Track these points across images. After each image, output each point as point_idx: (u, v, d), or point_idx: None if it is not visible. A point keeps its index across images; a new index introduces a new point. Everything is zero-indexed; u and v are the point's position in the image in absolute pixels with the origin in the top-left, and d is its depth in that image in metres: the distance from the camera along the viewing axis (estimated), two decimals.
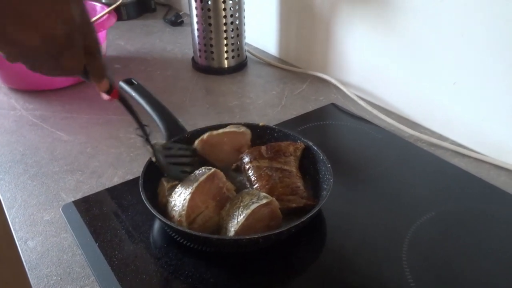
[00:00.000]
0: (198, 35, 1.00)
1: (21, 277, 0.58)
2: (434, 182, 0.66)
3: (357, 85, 0.92)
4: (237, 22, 0.99)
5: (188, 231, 0.50)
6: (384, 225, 0.58)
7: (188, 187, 0.54)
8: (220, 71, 1.03)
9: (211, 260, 0.53)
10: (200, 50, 1.02)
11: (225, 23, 0.97)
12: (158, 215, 0.51)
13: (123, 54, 1.16)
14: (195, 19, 0.99)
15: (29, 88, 0.95)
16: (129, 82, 0.75)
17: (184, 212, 0.52)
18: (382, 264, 0.52)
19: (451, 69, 0.73)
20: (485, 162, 0.70)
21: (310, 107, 0.88)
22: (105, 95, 0.53)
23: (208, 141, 0.62)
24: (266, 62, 1.09)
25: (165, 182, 0.58)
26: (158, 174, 0.60)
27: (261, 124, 0.69)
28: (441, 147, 0.74)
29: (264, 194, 0.54)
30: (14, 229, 0.59)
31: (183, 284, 0.50)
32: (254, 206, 0.51)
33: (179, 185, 0.55)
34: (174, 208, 0.53)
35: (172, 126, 0.68)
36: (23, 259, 0.54)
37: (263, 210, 0.52)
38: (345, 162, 0.71)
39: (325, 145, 0.65)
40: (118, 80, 0.75)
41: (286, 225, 0.51)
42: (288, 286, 0.51)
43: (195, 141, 0.64)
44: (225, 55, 1.02)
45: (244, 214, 0.51)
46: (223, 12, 0.96)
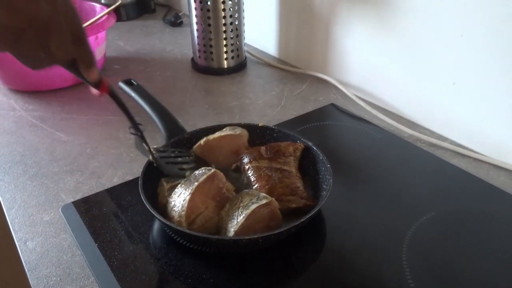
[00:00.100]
0: (198, 36, 1.00)
1: (21, 277, 0.57)
2: (434, 182, 0.66)
3: (356, 85, 0.92)
4: (236, 22, 0.99)
5: (188, 231, 0.50)
6: (384, 225, 0.58)
7: (188, 187, 0.54)
8: (220, 72, 1.03)
9: (211, 260, 0.53)
10: (199, 50, 1.02)
11: (225, 23, 0.97)
12: (157, 216, 0.51)
13: (122, 55, 1.16)
14: (194, 19, 0.99)
15: (29, 89, 0.95)
16: (128, 83, 0.75)
17: (183, 212, 0.52)
18: (382, 264, 0.52)
19: (451, 70, 0.73)
20: (485, 162, 0.70)
21: (309, 108, 0.88)
22: (95, 90, 0.53)
23: (205, 146, 0.63)
24: (265, 62, 1.09)
25: (165, 182, 0.58)
26: (157, 174, 0.60)
27: (260, 124, 0.69)
28: (441, 147, 0.74)
29: (264, 194, 0.53)
30: (13, 229, 0.59)
31: (183, 285, 0.50)
32: (253, 207, 0.51)
33: (179, 185, 0.55)
34: (174, 209, 0.53)
35: (171, 127, 0.68)
36: (23, 260, 0.54)
37: (262, 211, 0.52)
38: (345, 162, 0.71)
39: (325, 146, 0.65)
40: (118, 81, 0.75)
41: (286, 225, 0.51)
42: (288, 287, 0.51)
43: (193, 147, 0.64)
44: (225, 55, 1.02)
45: (244, 215, 0.51)
46: (223, 13, 0.96)
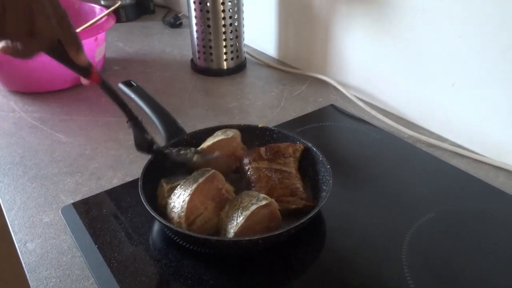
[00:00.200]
0: (197, 37, 1.00)
1: (21, 279, 0.57)
2: (433, 182, 0.66)
3: (356, 86, 0.92)
4: (236, 23, 0.99)
5: (188, 232, 0.50)
6: (384, 226, 0.58)
7: (187, 188, 0.54)
8: (219, 73, 1.03)
9: (211, 261, 0.53)
10: (199, 51, 1.02)
11: (224, 24, 0.97)
12: (157, 217, 0.51)
13: (122, 56, 1.16)
14: (194, 20, 0.99)
15: (28, 90, 0.95)
16: (128, 84, 0.75)
17: (183, 213, 0.52)
18: (382, 264, 0.52)
19: (450, 70, 0.73)
20: (484, 162, 0.70)
21: (309, 109, 0.88)
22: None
23: None
24: (265, 63, 1.09)
25: (165, 183, 0.58)
26: (157, 175, 0.60)
27: (260, 125, 0.69)
28: (440, 148, 0.74)
29: (264, 195, 0.53)
30: (13, 231, 0.59)
31: (183, 286, 0.50)
32: (253, 208, 0.51)
33: (178, 186, 0.55)
34: (174, 210, 0.53)
35: (171, 128, 0.68)
36: (23, 261, 0.54)
37: (262, 212, 0.52)
38: (345, 163, 0.71)
39: (324, 146, 0.65)
40: (117, 82, 0.75)
41: (286, 226, 0.51)
42: (288, 287, 0.51)
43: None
44: (224, 56, 1.02)
45: (244, 216, 0.51)
46: (222, 14, 0.96)
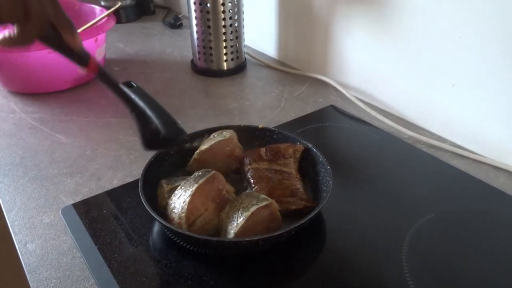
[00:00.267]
0: (197, 38, 1.01)
1: (21, 280, 0.57)
2: (434, 183, 0.66)
3: (356, 86, 0.92)
4: (236, 24, 0.99)
5: (188, 233, 0.50)
6: (384, 226, 0.58)
7: (188, 189, 0.54)
8: (219, 73, 1.03)
9: (211, 262, 0.53)
10: (199, 52, 1.02)
11: (224, 25, 0.97)
12: (157, 218, 0.51)
13: (122, 57, 1.16)
14: (194, 21, 0.99)
15: (29, 91, 0.95)
16: (128, 85, 0.74)
17: (183, 214, 0.52)
18: (382, 265, 0.52)
19: (450, 71, 0.73)
20: (484, 163, 0.70)
21: (309, 109, 0.88)
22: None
23: (201, 159, 0.62)
24: (265, 64, 1.09)
25: (165, 184, 0.58)
26: (157, 176, 0.60)
27: (260, 126, 0.69)
28: (440, 149, 0.74)
29: (264, 196, 0.53)
30: (13, 232, 0.59)
31: (183, 287, 0.50)
32: (253, 208, 0.51)
33: (179, 187, 0.55)
34: (174, 211, 0.53)
35: (171, 129, 0.68)
36: (23, 262, 0.54)
37: (262, 212, 0.52)
38: (345, 163, 0.71)
39: (325, 147, 0.65)
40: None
41: (286, 227, 0.51)
42: None
43: (188, 164, 0.63)
44: (224, 57, 1.02)
45: (244, 216, 0.51)
46: (222, 15, 0.96)
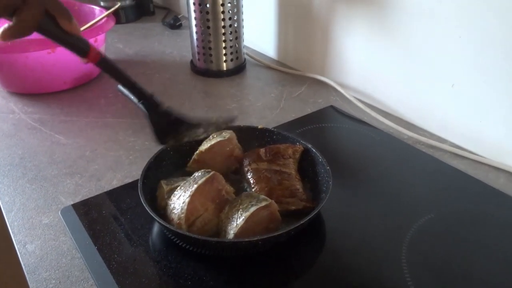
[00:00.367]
0: (197, 38, 1.01)
1: (20, 280, 0.57)
2: (433, 183, 0.66)
3: (355, 87, 0.92)
4: (235, 25, 0.99)
5: (187, 234, 0.50)
6: (384, 227, 0.58)
7: (187, 190, 0.54)
8: (219, 74, 1.03)
9: (211, 263, 0.53)
10: (198, 53, 1.02)
11: (224, 26, 0.97)
12: (157, 218, 0.51)
13: (121, 57, 1.16)
14: (193, 22, 0.99)
15: (28, 92, 0.95)
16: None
17: (183, 215, 0.52)
18: (382, 265, 0.52)
19: (450, 71, 0.73)
20: (484, 164, 0.71)
21: (308, 110, 0.88)
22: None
23: (200, 160, 0.62)
24: (264, 64, 1.09)
25: (164, 185, 0.58)
26: (157, 177, 0.60)
27: (260, 126, 0.69)
28: (440, 149, 0.74)
29: (263, 196, 0.53)
30: (13, 232, 0.59)
31: (183, 287, 0.50)
32: (253, 209, 0.51)
33: (178, 188, 0.55)
34: (173, 211, 0.53)
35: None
36: (22, 263, 0.54)
37: (262, 213, 0.52)
38: (344, 164, 0.71)
39: (324, 147, 0.65)
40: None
41: (285, 227, 0.51)
42: None
43: (188, 163, 0.63)
44: (224, 58, 1.02)
45: (244, 217, 0.50)
46: (222, 15, 0.96)
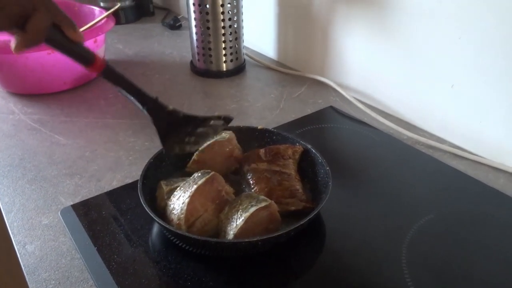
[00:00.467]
0: (197, 39, 1.01)
1: (20, 281, 0.57)
2: (433, 184, 0.66)
3: (355, 88, 0.92)
4: (235, 25, 0.99)
5: (187, 234, 0.50)
6: (384, 227, 0.58)
7: (187, 190, 0.54)
8: (219, 75, 1.03)
9: (210, 263, 0.53)
10: (198, 53, 1.02)
11: (224, 26, 0.97)
12: (157, 219, 0.51)
13: (121, 58, 1.16)
14: (193, 22, 0.99)
15: (28, 92, 0.95)
16: None
17: (183, 215, 0.52)
18: (382, 265, 0.52)
19: (449, 72, 0.73)
20: (484, 164, 0.71)
21: (308, 110, 0.88)
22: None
23: (200, 160, 0.62)
24: (264, 65, 1.09)
25: (164, 185, 0.58)
26: (156, 177, 0.60)
27: (259, 127, 0.69)
28: (440, 150, 0.74)
29: (263, 197, 0.53)
30: (12, 233, 0.59)
31: None
32: (253, 209, 0.51)
33: (178, 188, 0.55)
34: (173, 212, 0.53)
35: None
36: (22, 264, 0.54)
37: (262, 213, 0.52)
38: (344, 164, 0.71)
39: (324, 148, 0.65)
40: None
41: (285, 228, 0.51)
42: None
43: (188, 164, 0.63)
44: (224, 58, 1.02)
45: (243, 217, 0.50)
46: (221, 16, 0.96)
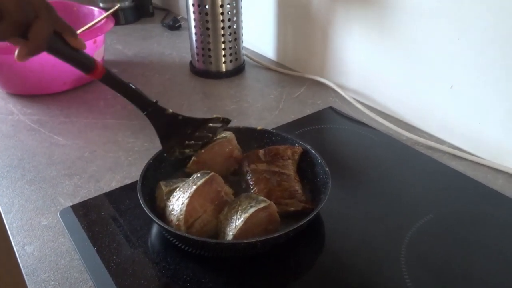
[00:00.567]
0: (196, 39, 1.01)
1: (19, 282, 0.57)
2: (432, 184, 0.66)
3: (355, 88, 0.92)
4: (234, 26, 0.99)
5: (186, 235, 0.50)
6: (383, 228, 0.58)
7: (186, 191, 0.54)
8: (218, 75, 1.03)
9: (210, 264, 0.53)
10: (198, 54, 1.02)
11: (223, 27, 0.97)
12: (156, 220, 0.51)
13: (121, 59, 1.16)
14: (193, 23, 0.99)
15: (27, 93, 0.95)
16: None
17: (182, 216, 0.52)
18: (381, 266, 0.52)
19: (448, 73, 0.73)
20: (483, 165, 0.71)
21: (308, 111, 0.88)
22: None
23: (200, 161, 0.62)
24: (263, 66, 1.09)
25: (163, 186, 0.58)
26: (156, 178, 0.60)
27: (259, 128, 0.69)
28: (439, 150, 0.74)
29: (262, 198, 0.53)
30: (11, 234, 0.59)
31: None
32: (252, 210, 0.51)
33: (177, 189, 0.55)
34: (172, 212, 0.53)
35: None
36: (21, 264, 0.54)
37: (261, 214, 0.52)
38: (343, 165, 0.71)
39: (323, 149, 0.65)
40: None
41: (285, 229, 0.51)
42: None
43: (187, 164, 0.63)
44: (223, 59, 1.02)
45: (243, 218, 0.50)
46: (221, 16, 0.96)
